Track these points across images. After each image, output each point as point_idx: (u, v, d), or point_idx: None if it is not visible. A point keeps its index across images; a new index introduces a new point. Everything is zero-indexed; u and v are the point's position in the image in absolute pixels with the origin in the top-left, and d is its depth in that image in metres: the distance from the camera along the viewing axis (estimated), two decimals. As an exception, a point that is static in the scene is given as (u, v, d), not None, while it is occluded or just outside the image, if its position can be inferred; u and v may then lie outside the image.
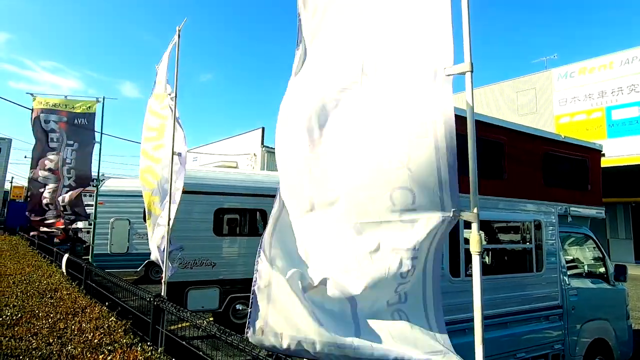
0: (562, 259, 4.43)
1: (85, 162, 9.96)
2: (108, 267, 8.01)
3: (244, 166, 18.84)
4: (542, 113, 17.92)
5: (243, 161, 19.27)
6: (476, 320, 1.53)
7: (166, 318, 3.47)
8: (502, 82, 19.90)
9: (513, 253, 4.52)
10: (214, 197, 7.02)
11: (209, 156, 21.48)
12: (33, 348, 2.64)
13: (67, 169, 9.65)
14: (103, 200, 10.34)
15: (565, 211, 4.52)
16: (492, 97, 19.57)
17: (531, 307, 4.00)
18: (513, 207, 4.10)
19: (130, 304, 4.37)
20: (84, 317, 3.41)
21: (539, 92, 18.14)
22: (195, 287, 6.61)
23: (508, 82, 19.58)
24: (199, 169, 9.60)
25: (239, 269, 7.01)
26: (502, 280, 3.93)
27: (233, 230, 7.50)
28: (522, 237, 4.35)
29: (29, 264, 6.46)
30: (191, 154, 22.98)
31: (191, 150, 23.08)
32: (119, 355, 2.53)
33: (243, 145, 19.88)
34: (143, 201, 5.56)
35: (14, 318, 3.32)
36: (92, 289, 5.37)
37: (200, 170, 8.21)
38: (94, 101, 10.25)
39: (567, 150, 4.65)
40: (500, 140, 4.01)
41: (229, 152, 20.28)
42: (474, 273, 1.60)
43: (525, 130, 4.34)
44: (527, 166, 4.23)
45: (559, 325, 4.19)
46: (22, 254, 7.75)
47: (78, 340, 2.79)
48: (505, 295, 3.83)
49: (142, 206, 10.86)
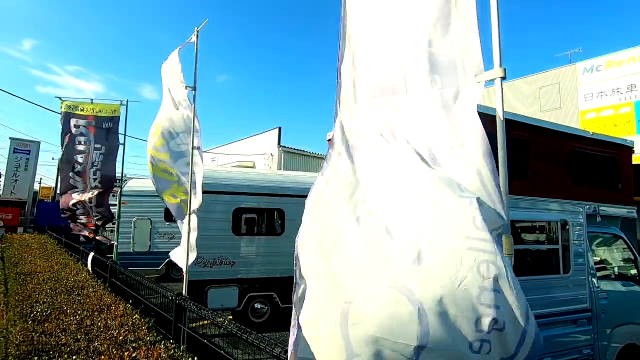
0: (591, 260, 4.26)
1: (110, 164, 10.28)
2: (131, 265, 8.24)
3: (261, 166, 19.00)
4: (566, 109, 17.32)
5: (260, 161, 19.43)
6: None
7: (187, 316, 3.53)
8: (523, 77, 19.35)
9: (538, 254, 4.37)
10: (232, 197, 7.10)
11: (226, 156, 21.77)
12: (62, 344, 2.73)
13: (93, 170, 9.97)
14: (126, 200, 10.64)
15: (594, 210, 4.34)
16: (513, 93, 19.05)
17: (558, 310, 3.86)
18: (538, 207, 3.97)
19: (153, 302, 4.48)
20: (109, 314, 3.50)
21: (563, 87, 17.54)
22: (215, 285, 6.70)
23: (530, 77, 19.01)
24: (218, 169, 9.74)
25: (257, 269, 7.08)
26: (527, 282, 3.80)
27: (251, 230, 7.57)
28: (547, 237, 4.21)
29: (56, 262, 6.70)
30: (209, 154, 23.35)
31: (209, 150, 23.46)
32: (143, 352, 2.59)
33: (260, 145, 20.05)
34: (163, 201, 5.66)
35: (44, 314, 3.45)
36: (117, 287, 5.53)
37: (218, 171, 8.33)
38: (118, 105, 10.56)
39: (595, 147, 4.47)
40: (524, 138, 3.88)
41: (246, 152, 20.50)
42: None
43: (550, 126, 4.19)
44: (553, 164, 4.09)
45: (588, 330, 4.03)
46: (50, 252, 8.06)
47: (104, 337, 2.87)
48: (530, 297, 3.70)
49: (162, 206, 11.17)
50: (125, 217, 10.45)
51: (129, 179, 12.08)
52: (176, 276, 10.69)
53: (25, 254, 7.68)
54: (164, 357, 2.51)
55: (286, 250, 7.43)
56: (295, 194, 7.34)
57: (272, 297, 7.03)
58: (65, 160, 10.15)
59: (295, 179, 8.00)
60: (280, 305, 7.03)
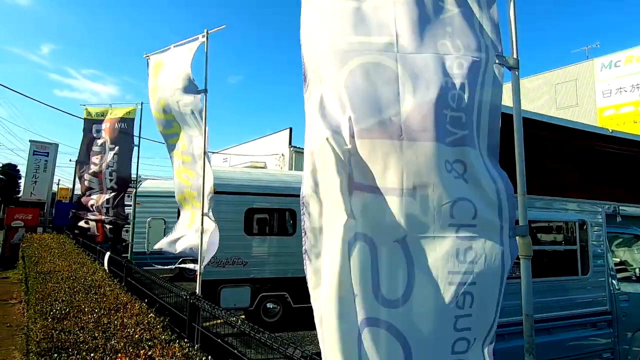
0: (611, 262, 4.14)
1: (125, 165, 10.49)
2: (146, 265, 8.39)
3: (272, 166, 19.09)
4: (583, 106, 16.89)
5: (271, 161, 19.53)
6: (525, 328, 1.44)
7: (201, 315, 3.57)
8: (539, 74, 18.95)
9: (555, 255, 4.27)
10: (244, 197, 7.16)
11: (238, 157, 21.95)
12: (80, 341, 2.79)
13: (109, 171, 10.19)
14: (140, 200, 10.84)
15: (614, 210, 4.22)
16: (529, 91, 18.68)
17: (576, 312, 3.77)
18: (554, 207, 3.88)
19: (167, 301, 4.54)
20: (125, 313, 3.57)
21: (580, 84, 17.11)
22: (228, 285, 6.76)
23: (546, 74, 18.61)
24: (230, 169, 9.83)
25: (269, 268, 7.11)
26: (543, 283, 3.72)
27: (263, 230, 7.61)
28: (565, 238, 4.11)
29: (74, 261, 6.87)
30: (221, 155, 23.58)
31: (221, 151, 23.69)
32: (158, 350, 2.62)
33: (271, 145, 20.15)
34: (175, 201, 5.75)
35: (63, 312, 3.53)
36: (132, 286, 5.63)
37: (230, 171, 8.40)
38: (133, 107, 10.78)
39: (615, 145, 4.34)
40: (540, 136, 3.80)
41: (257, 152, 20.63)
42: (523, 279, 1.50)
43: (567, 124, 4.09)
44: (570, 163, 3.99)
45: (608, 333, 3.92)
46: (68, 252, 8.26)
47: (121, 335, 2.92)
48: (547, 299, 3.63)
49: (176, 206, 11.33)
50: (140, 218, 10.64)
51: (144, 180, 12.30)
52: (189, 275, 10.83)
53: (44, 254, 7.89)
54: (178, 356, 2.54)
55: (298, 250, 7.39)
56: (307, 194, 7.34)
57: (284, 297, 7.06)
58: (81, 161, 10.43)
59: (307, 179, 8.01)
60: (293, 305, 7.04)
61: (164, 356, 2.54)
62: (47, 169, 23.00)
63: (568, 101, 17.49)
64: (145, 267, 6.91)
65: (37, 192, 22.48)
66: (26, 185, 22.93)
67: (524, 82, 18.85)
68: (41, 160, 22.77)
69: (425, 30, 1.68)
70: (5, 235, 13.61)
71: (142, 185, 11.45)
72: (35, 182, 22.50)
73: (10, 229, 13.79)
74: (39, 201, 22.07)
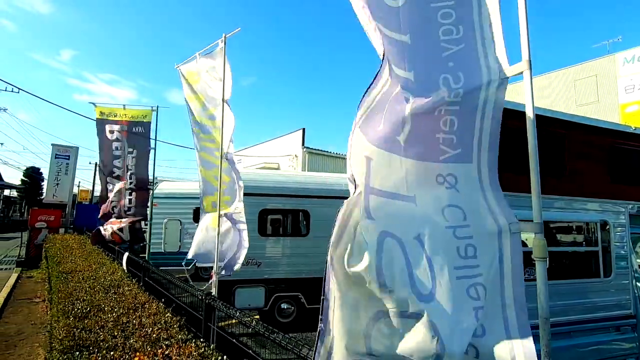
0: (635, 263, 4.00)
1: (143, 167, 10.71)
2: (163, 265, 8.54)
3: (285, 167, 19.18)
4: (604, 102, 16.37)
5: (285, 162, 19.62)
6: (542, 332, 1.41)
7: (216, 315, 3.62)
8: (557, 70, 18.46)
9: (575, 256, 4.16)
10: (258, 199, 7.22)
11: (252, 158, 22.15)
12: (100, 340, 2.87)
13: (129, 174, 10.44)
14: (157, 202, 11.05)
15: (638, 210, 4.08)
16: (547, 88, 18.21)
17: (598, 315, 3.65)
18: (574, 207, 3.77)
19: (183, 300, 4.62)
20: (143, 312, 3.65)
21: (601, 79, 16.59)
22: (242, 285, 6.83)
23: (564, 70, 18.12)
24: (244, 171, 9.92)
25: (283, 269, 7.15)
26: (563, 285, 3.62)
27: (277, 231, 7.66)
28: (586, 238, 3.99)
29: (94, 261, 7.06)
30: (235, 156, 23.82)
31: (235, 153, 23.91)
32: (175, 350, 2.67)
33: (284, 146, 20.25)
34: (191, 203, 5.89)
35: (84, 311, 3.64)
36: (150, 286, 5.75)
37: (244, 173, 8.48)
38: (149, 110, 11.00)
39: (638, 143, 4.19)
40: (559, 134, 3.70)
41: (271, 153, 20.77)
42: (539, 282, 1.48)
43: (587, 122, 3.97)
44: (591, 161, 3.87)
45: (632, 337, 3.78)
46: (88, 252, 8.50)
47: (139, 334, 2.99)
48: (567, 302, 3.53)
49: (191, 207, 11.52)
50: (156, 219, 10.85)
51: (160, 181, 12.55)
52: (205, 276, 10.98)
53: (66, 254, 8.14)
54: (194, 356, 2.58)
55: (311, 251, 7.45)
56: (320, 195, 7.36)
57: (298, 298, 7.08)
58: (103, 165, 10.67)
59: (320, 180, 8.02)
60: (307, 305, 7.06)
61: (181, 355, 2.58)
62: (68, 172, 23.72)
63: (588, 98, 16.98)
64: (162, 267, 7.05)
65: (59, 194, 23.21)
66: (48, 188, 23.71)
67: (542, 79, 18.40)
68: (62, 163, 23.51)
69: (430, 68, 1.89)
70: (30, 236, 14.11)
71: (158, 187, 11.68)
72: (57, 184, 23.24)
73: (34, 229, 14.29)
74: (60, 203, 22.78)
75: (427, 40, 1.90)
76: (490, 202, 1.84)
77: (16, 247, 16.22)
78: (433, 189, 1.87)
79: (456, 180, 1.87)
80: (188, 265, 6.25)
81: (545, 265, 1.48)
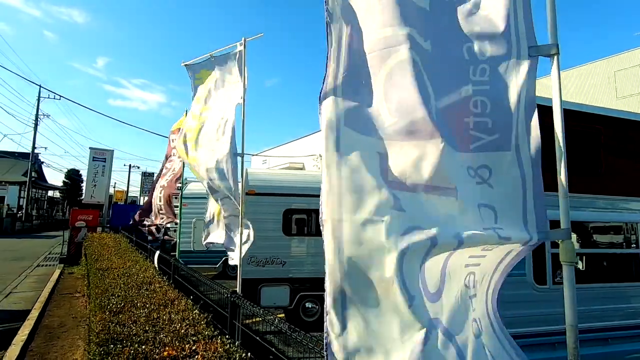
0: (682, 267, 3.72)
1: None
2: (191, 263, 8.83)
3: (310, 167, 19.27)
4: (649, 94, 15.28)
5: (309, 162, 19.72)
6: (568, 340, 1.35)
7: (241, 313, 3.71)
8: (594, 62, 17.42)
9: (613, 258, 3.92)
10: (282, 198, 7.31)
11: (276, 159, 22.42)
12: (133, 334, 3.01)
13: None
14: (186, 202, 11.43)
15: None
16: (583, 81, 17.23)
17: (638, 322, 3.43)
18: (612, 206, 3.56)
19: (210, 298, 4.76)
20: (172, 308, 3.79)
21: (645, 70, 15.49)
22: (268, 284, 6.95)
23: (603, 60, 17.06)
24: (268, 171, 10.07)
25: (307, 268, 7.20)
26: (600, 289, 3.43)
27: (301, 230, 7.72)
28: (624, 240, 3.76)
29: (129, 259, 7.39)
30: (260, 157, 24.22)
31: (260, 154, 24.33)
32: (202, 345, 2.76)
33: (309, 146, 20.36)
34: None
35: (118, 306, 3.82)
36: (179, 283, 5.96)
37: (269, 173, 8.62)
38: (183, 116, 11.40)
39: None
40: (595, 130, 3.51)
41: (295, 153, 20.93)
42: (566, 287, 1.40)
43: (627, 116, 3.73)
44: (631, 158, 3.64)
45: (678, 346, 3.52)
46: (123, 250, 8.91)
47: (168, 330, 3.11)
48: (604, 307, 3.34)
49: (219, 207, 11.82)
50: (185, 218, 11.22)
51: (189, 182, 12.96)
52: (232, 274, 11.24)
53: (103, 251, 8.58)
54: (220, 352, 2.66)
55: (335, 250, 7.45)
56: (344, 195, 7.35)
57: (322, 297, 7.09)
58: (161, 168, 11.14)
59: (343, 180, 8.01)
60: (331, 305, 7.07)
61: (207, 351, 2.67)
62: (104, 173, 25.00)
63: (630, 89, 15.91)
64: (191, 265, 7.29)
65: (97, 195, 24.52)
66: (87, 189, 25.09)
67: (577, 71, 17.44)
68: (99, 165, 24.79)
69: (451, 35, 1.67)
70: (71, 235, 15.02)
71: (187, 188, 12.06)
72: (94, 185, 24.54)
73: (75, 228, 15.19)
74: (98, 203, 24.05)
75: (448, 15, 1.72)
76: (529, 203, 1.56)
77: (59, 244, 17.30)
78: (461, 184, 1.60)
79: (490, 173, 1.60)
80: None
81: (573, 270, 1.41)
